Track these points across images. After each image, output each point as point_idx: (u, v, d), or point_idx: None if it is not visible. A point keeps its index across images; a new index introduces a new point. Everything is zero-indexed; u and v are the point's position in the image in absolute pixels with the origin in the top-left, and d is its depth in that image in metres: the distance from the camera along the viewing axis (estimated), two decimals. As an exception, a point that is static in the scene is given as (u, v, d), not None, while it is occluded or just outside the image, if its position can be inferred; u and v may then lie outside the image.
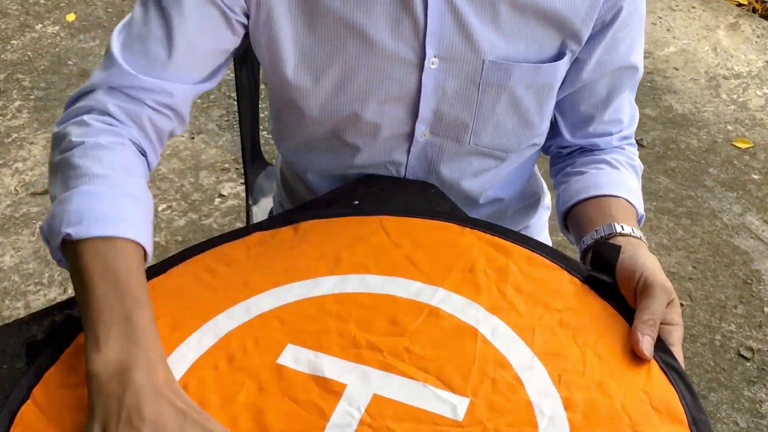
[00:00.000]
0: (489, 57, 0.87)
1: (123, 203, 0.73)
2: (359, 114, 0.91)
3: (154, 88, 0.82)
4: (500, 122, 0.94)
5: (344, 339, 0.73)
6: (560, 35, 0.88)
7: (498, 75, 0.89)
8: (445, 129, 0.95)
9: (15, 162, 2.24)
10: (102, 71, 0.82)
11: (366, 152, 0.97)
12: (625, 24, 0.89)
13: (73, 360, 0.71)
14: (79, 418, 0.66)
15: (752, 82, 2.65)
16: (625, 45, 0.91)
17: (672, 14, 2.98)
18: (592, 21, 0.87)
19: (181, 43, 0.82)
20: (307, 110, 0.92)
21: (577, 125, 0.99)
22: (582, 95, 0.96)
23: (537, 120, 0.96)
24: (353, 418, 0.66)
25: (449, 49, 0.86)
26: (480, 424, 0.66)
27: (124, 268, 0.69)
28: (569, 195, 0.96)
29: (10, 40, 2.72)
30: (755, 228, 2.11)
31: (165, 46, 0.81)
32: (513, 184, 1.08)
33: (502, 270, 0.81)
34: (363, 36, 0.84)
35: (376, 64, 0.87)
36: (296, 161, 1.04)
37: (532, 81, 0.90)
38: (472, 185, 1.03)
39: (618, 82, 0.95)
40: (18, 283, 1.90)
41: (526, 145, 1.00)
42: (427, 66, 0.87)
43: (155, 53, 0.82)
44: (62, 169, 0.76)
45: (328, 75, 0.88)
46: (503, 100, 0.91)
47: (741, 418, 1.66)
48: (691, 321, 1.85)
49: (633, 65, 0.94)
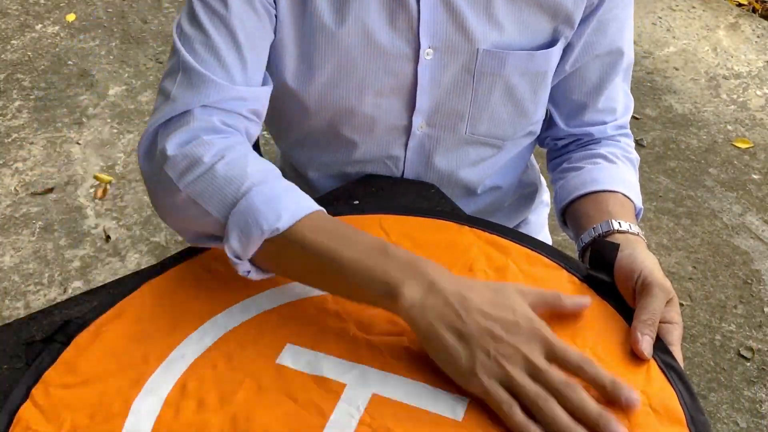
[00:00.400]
0: (483, 46, 0.88)
1: (288, 186, 0.75)
2: (355, 107, 0.92)
3: (246, 96, 0.80)
4: (496, 111, 0.95)
5: (343, 339, 0.73)
6: (553, 21, 0.89)
7: (492, 64, 0.89)
8: (442, 120, 0.95)
9: (15, 162, 2.24)
10: (188, 90, 0.77)
11: (363, 147, 0.97)
12: (613, 6, 0.90)
13: (72, 360, 0.72)
14: (78, 419, 0.66)
15: (752, 82, 2.64)
16: (614, 28, 0.92)
17: (672, 14, 2.98)
18: (583, 3, 0.88)
19: (247, 45, 0.81)
20: (304, 105, 0.92)
21: (571, 114, 1.00)
22: (573, 82, 0.97)
23: (532, 108, 0.96)
24: (353, 417, 0.66)
25: (443, 40, 0.87)
26: (480, 424, 0.66)
27: (345, 228, 0.73)
28: (566, 191, 0.96)
29: (10, 40, 2.72)
30: (755, 228, 2.11)
31: (235, 51, 0.80)
32: (510, 173, 1.09)
33: (501, 269, 0.81)
34: (358, 30, 0.85)
35: (371, 57, 0.87)
36: (295, 157, 1.05)
37: (527, 68, 0.91)
38: (469, 175, 1.03)
39: (608, 67, 0.95)
40: (18, 283, 1.90)
41: (522, 133, 1.01)
42: (422, 57, 0.88)
43: (231, 61, 0.79)
44: (210, 188, 0.73)
45: (325, 69, 0.88)
46: (498, 88, 0.92)
47: (741, 418, 1.66)
48: (691, 321, 1.85)
49: (621, 49, 0.95)
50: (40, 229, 2.04)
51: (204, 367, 0.71)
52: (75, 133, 2.34)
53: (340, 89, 0.90)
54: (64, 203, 2.12)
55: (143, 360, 0.71)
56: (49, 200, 2.12)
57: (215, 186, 0.73)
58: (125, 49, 2.69)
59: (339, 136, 0.97)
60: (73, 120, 2.39)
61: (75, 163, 2.24)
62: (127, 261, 1.96)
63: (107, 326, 0.75)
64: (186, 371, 0.70)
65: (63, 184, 2.17)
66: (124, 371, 0.70)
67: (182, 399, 0.68)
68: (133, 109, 2.43)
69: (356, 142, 0.97)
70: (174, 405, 0.68)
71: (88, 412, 0.67)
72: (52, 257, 1.96)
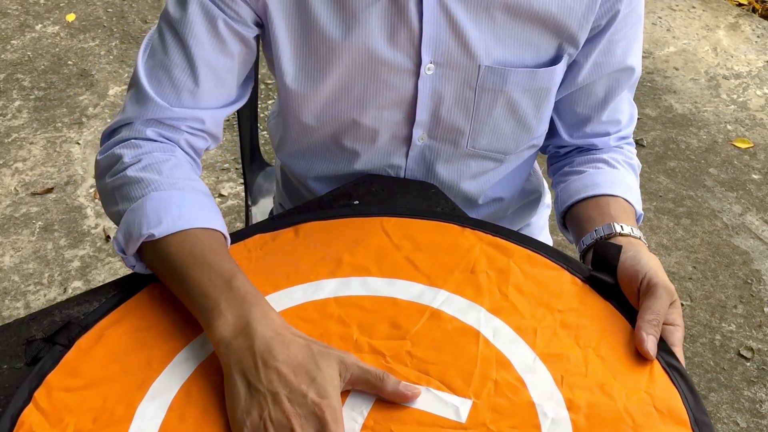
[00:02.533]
0: (485, 62, 0.87)
1: (192, 199, 0.79)
2: (357, 120, 0.92)
3: (186, 117, 0.85)
4: (497, 126, 0.94)
5: (346, 343, 0.73)
6: (557, 39, 0.88)
7: (494, 80, 0.89)
8: (443, 133, 0.95)
9: (15, 162, 2.24)
10: (135, 105, 0.84)
11: (365, 157, 0.97)
12: (623, 26, 0.89)
13: (74, 363, 0.71)
14: (81, 423, 0.66)
15: (752, 82, 2.64)
16: (622, 47, 0.91)
17: (672, 14, 2.98)
18: (589, 24, 0.87)
19: (203, 67, 0.84)
20: (306, 117, 0.93)
21: (574, 126, 0.99)
22: (579, 97, 0.96)
23: (535, 123, 0.96)
24: (356, 422, 0.66)
25: (445, 55, 0.86)
26: (483, 425, 0.66)
27: (209, 251, 0.75)
28: (568, 194, 0.96)
29: (10, 40, 2.72)
30: (755, 228, 2.11)
31: (189, 72, 0.84)
32: (512, 184, 1.08)
33: (503, 271, 0.81)
34: (360, 44, 0.84)
35: (372, 71, 0.87)
36: (296, 167, 1.04)
37: (529, 85, 0.90)
38: (470, 186, 1.03)
39: (615, 83, 0.95)
40: (18, 283, 1.90)
41: (524, 147, 1.00)
42: (423, 72, 0.87)
43: (183, 82, 0.84)
44: (123, 187, 0.80)
45: (326, 84, 0.88)
46: (500, 104, 0.91)
47: (741, 418, 1.66)
48: (691, 321, 1.85)
49: (630, 67, 0.94)
50: (40, 229, 2.04)
51: (209, 372, 0.71)
52: (75, 133, 2.34)
53: (342, 102, 0.90)
54: (64, 203, 2.12)
55: (147, 364, 0.71)
56: (49, 200, 2.12)
57: (126, 183, 0.80)
58: (125, 49, 2.69)
59: (341, 147, 0.97)
60: (73, 120, 2.39)
61: (75, 163, 2.24)
62: (128, 261, 1.96)
63: (109, 329, 0.75)
64: (191, 376, 0.70)
65: (63, 184, 2.17)
66: (128, 375, 0.70)
67: (187, 404, 0.68)
68: (132, 109, 2.43)
69: (358, 152, 0.97)
70: (179, 410, 0.68)
71: (92, 416, 0.67)
72: (52, 257, 1.96)
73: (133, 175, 0.79)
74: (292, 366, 0.66)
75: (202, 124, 0.87)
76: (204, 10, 0.82)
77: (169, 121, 0.84)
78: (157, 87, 0.84)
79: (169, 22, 0.84)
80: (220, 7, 0.82)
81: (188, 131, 0.86)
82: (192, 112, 0.85)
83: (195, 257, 0.74)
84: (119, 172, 0.81)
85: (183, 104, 0.84)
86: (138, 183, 0.79)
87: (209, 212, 0.79)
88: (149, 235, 0.75)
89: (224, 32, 0.84)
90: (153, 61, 0.85)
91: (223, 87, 0.87)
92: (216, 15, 0.82)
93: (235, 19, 0.83)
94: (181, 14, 0.83)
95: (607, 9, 0.86)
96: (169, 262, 0.75)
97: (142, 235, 0.75)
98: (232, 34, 0.84)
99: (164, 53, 0.84)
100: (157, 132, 0.84)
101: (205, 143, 0.89)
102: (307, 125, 0.94)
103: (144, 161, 0.81)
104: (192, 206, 0.78)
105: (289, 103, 0.92)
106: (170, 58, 0.84)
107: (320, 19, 0.83)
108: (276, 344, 0.67)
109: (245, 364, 0.66)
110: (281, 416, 0.63)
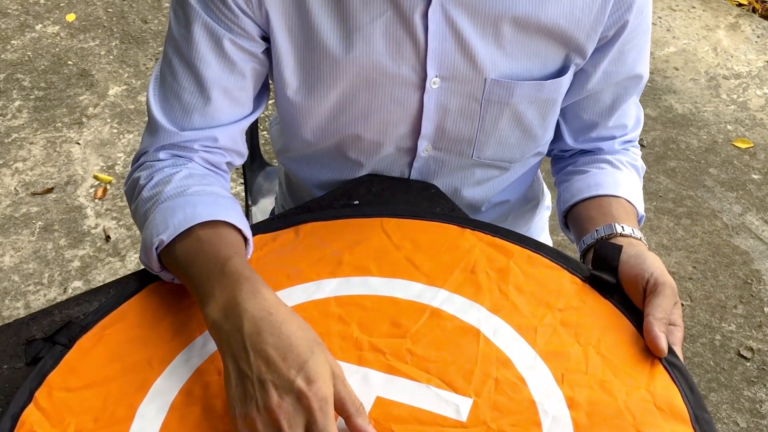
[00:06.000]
0: (491, 75, 0.86)
1: (198, 200, 0.79)
2: (361, 133, 0.92)
3: (198, 138, 0.85)
4: (503, 137, 0.94)
5: (347, 342, 0.73)
6: (564, 50, 0.87)
7: (500, 93, 0.88)
8: (448, 144, 0.94)
9: (15, 162, 2.24)
10: (148, 136, 0.86)
11: (368, 167, 0.98)
12: (633, 36, 0.88)
13: (75, 363, 0.71)
14: (82, 422, 0.66)
15: (752, 82, 2.65)
16: (633, 56, 0.91)
17: (672, 14, 2.98)
18: (597, 35, 0.86)
19: (213, 87, 0.83)
20: (308, 130, 0.92)
21: (580, 131, 0.99)
22: (586, 104, 0.95)
23: (540, 132, 0.96)
24: (356, 419, 0.66)
25: (451, 69, 0.85)
26: (484, 424, 0.66)
27: (208, 242, 0.75)
28: (570, 194, 0.96)
29: (10, 40, 2.72)
30: (755, 228, 2.11)
31: (199, 95, 0.83)
32: (516, 190, 1.08)
33: (503, 270, 0.81)
34: (364, 58, 0.84)
35: (376, 86, 0.86)
36: (300, 173, 1.04)
37: (535, 97, 0.89)
38: (474, 194, 1.03)
39: (623, 91, 0.94)
40: (18, 283, 1.90)
41: (530, 155, 1.00)
42: (429, 86, 0.86)
43: (192, 104, 0.84)
44: (140, 207, 0.81)
45: (329, 98, 0.88)
46: (506, 116, 0.91)
47: (741, 418, 1.66)
48: (691, 321, 1.85)
49: (639, 75, 0.93)
50: (40, 229, 2.04)
51: (209, 373, 0.71)
52: (75, 133, 2.34)
53: (345, 115, 0.90)
54: (64, 203, 2.12)
55: (147, 364, 0.72)
56: (49, 200, 2.12)
57: (142, 204, 0.81)
58: (125, 49, 2.69)
59: (344, 157, 0.97)
60: (73, 120, 2.39)
61: (75, 163, 2.24)
62: (127, 261, 1.96)
63: (110, 329, 0.75)
64: (191, 377, 0.70)
65: (63, 184, 2.17)
66: (128, 375, 0.71)
67: (188, 405, 0.68)
68: (132, 109, 2.43)
69: (362, 163, 0.97)
70: (180, 410, 0.68)
71: (93, 416, 0.67)
72: (52, 257, 1.96)
73: (147, 194, 0.81)
74: (281, 349, 0.64)
75: (216, 142, 0.86)
76: (208, 31, 0.81)
77: (181, 143, 0.85)
78: (168, 114, 0.84)
79: (175, 47, 0.83)
80: (224, 25, 0.81)
81: (203, 149, 0.86)
82: (203, 132, 0.85)
83: (196, 251, 0.74)
84: (138, 196, 0.83)
85: (194, 126, 0.84)
86: (150, 200, 0.80)
87: (213, 206, 0.78)
88: (160, 242, 0.75)
89: (231, 51, 0.82)
90: (163, 89, 0.85)
91: (236, 104, 0.86)
92: (221, 35, 0.81)
93: (242, 35, 0.82)
94: (186, 37, 0.82)
95: (615, 20, 0.85)
96: (178, 262, 0.75)
97: (152, 244, 0.75)
98: (240, 52, 0.83)
99: (173, 79, 0.83)
100: (170, 153, 0.85)
101: (223, 158, 0.88)
102: (310, 138, 0.94)
103: (155, 178, 0.82)
104: (198, 206, 0.78)
105: (291, 115, 0.92)
106: (179, 83, 0.83)
107: (323, 33, 0.82)
108: (266, 325, 0.65)
109: (235, 347, 0.65)
110: (267, 411, 0.62)
